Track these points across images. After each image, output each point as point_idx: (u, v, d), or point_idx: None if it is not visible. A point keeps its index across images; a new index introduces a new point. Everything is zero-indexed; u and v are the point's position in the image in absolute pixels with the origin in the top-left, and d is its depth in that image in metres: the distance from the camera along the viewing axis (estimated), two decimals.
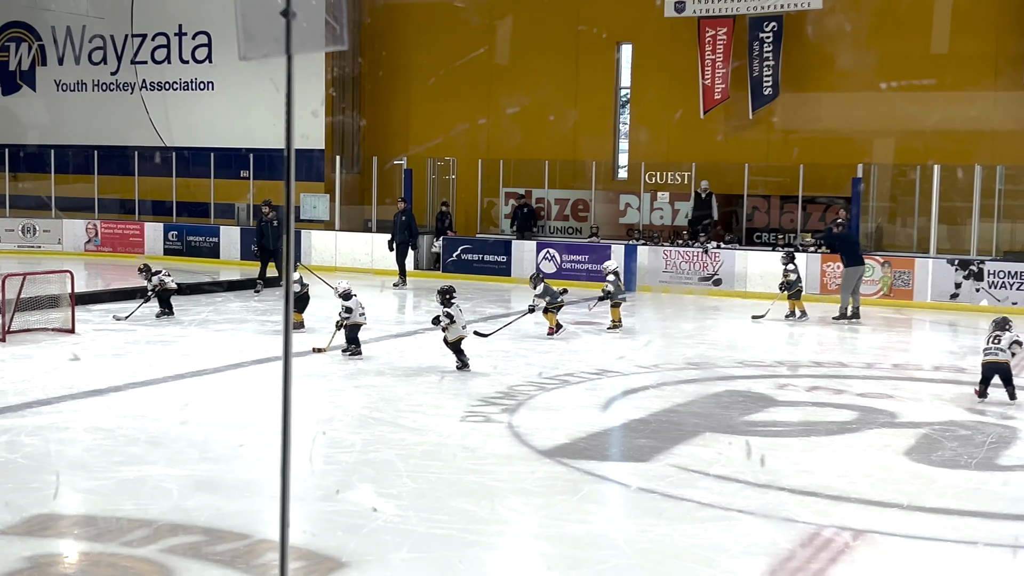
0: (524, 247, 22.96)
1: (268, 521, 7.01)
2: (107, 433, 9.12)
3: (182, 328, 15.33)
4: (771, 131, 23.10)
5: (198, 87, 27.89)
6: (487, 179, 24.94)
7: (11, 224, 27.29)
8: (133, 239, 26.77)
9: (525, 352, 13.90)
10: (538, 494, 7.72)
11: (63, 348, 13.21)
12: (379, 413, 10.05)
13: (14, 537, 6.51)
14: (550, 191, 24.47)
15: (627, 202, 23.89)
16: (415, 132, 26.20)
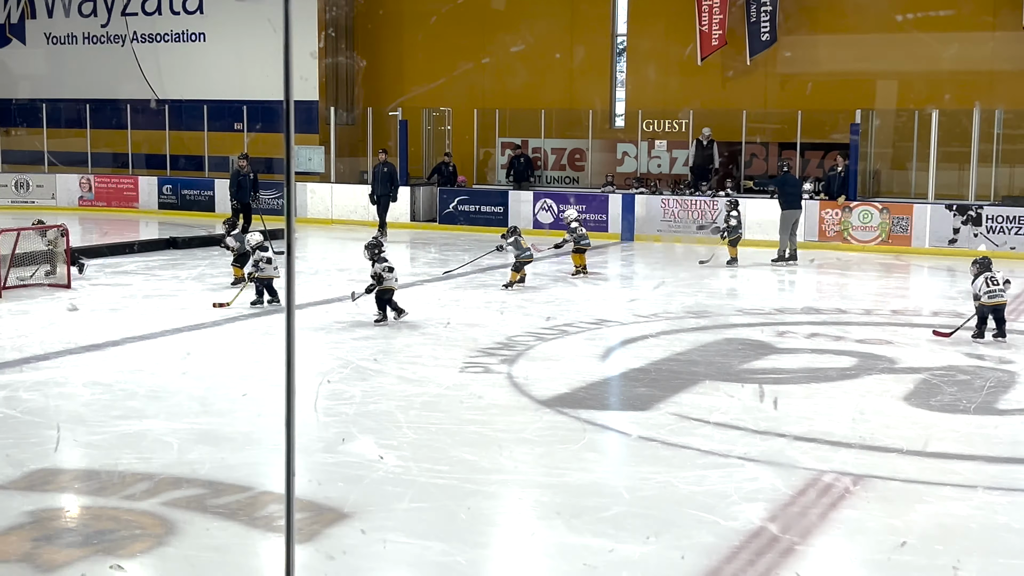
0: (521, 197, 22.90)
1: (269, 473, 7.03)
2: (106, 387, 9.13)
3: (179, 283, 15.31)
4: (769, 77, 22.95)
5: (189, 38, 27.65)
6: (483, 129, 24.83)
7: (4, 179, 27.17)
8: (127, 193, 26.68)
9: (523, 303, 13.89)
10: (539, 443, 7.75)
11: (59, 304, 13.19)
12: (378, 365, 10.06)
13: (15, 492, 6.53)
14: (547, 140, 24.35)
15: (624, 151, 23.78)
16: (409, 80, 26.00)
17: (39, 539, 5.83)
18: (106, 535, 5.88)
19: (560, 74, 24.53)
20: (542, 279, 16.32)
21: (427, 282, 15.46)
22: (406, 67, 26.16)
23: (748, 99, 22.83)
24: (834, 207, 20.48)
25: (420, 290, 14.61)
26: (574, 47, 24.45)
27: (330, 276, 15.41)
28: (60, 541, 5.86)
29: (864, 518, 6.33)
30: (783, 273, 17.50)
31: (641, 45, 24.10)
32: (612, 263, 18.40)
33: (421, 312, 13.00)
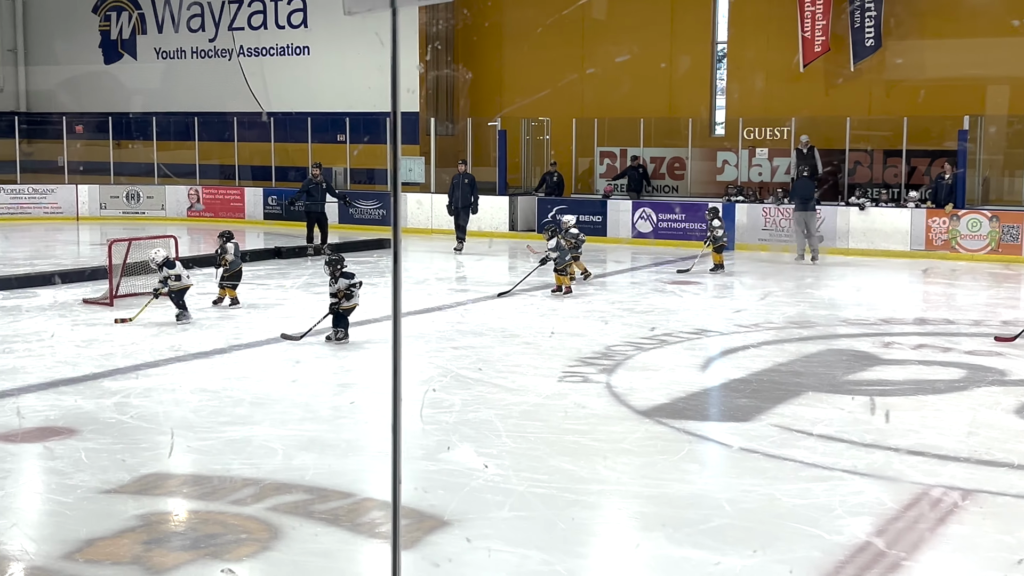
0: (620, 207, 22.82)
1: (372, 480, 7.11)
2: (213, 394, 9.32)
3: (283, 291, 15.58)
4: (874, 83, 22.54)
5: (294, 52, 28.15)
6: (582, 139, 24.80)
7: (116, 191, 27.96)
8: (234, 204, 27.25)
9: (622, 312, 13.84)
10: (638, 454, 7.70)
11: (168, 312, 13.51)
12: (477, 373, 10.11)
13: (126, 496, 6.70)
14: (646, 149, 24.23)
15: (724, 159, 23.56)
16: (509, 91, 26.13)
17: (149, 542, 5.97)
18: (214, 539, 6.00)
19: (660, 83, 24.41)
20: (641, 288, 16.25)
21: (525, 291, 15.49)
22: (506, 78, 26.28)
23: (852, 106, 22.44)
24: (941, 215, 20.02)
25: (519, 299, 14.65)
26: (674, 55, 24.31)
27: (430, 285, 15.54)
28: (169, 544, 5.99)
29: (974, 534, 6.16)
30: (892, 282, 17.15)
31: (742, 52, 23.86)
32: (712, 273, 18.21)
33: (520, 321, 13.03)
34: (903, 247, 20.20)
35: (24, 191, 27.62)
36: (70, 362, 10.50)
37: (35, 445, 7.77)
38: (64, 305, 13.97)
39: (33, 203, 27.52)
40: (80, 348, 11.19)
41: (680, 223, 22.06)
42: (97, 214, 27.60)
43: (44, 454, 7.60)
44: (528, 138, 25.59)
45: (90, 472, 7.12)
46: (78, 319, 12.95)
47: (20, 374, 9.96)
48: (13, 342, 11.48)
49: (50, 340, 11.67)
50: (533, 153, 25.67)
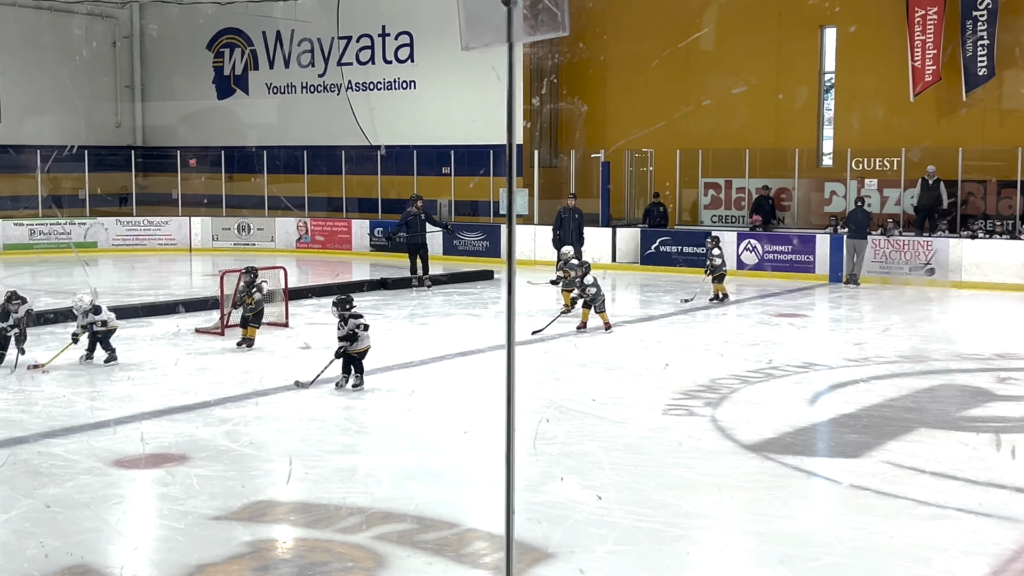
0: (724, 238, 22.60)
1: (475, 510, 7.14)
2: (320, 423, 9.46)
3: (389, 323, 15.75)
4: (987, 112, 22.01)
5: (401, 86, 28.58)
6: (686, 170, 24.66)
7: (227, 223, 28.64)
8: (341, 236, 27.68)
9: (726, 346, 13.69)
10: (744, 489, 7.60)
11: (278, 341, 13.76)
12: (580, 405, 10.08)
13: (236, 522, 6.83)
14: (751, 180, 23.99)
15: (832, 190, 23.20)
16: (613, 123, 26.12)
17: (258, 569, 6.08)
18: (321, 567, 6.07)
19: (766, 113, 24.18)
20: (747, 321, 16.07)
21: (628, 323, 15.43)
22: (609, 111, 26.29)
23: (964, 136, 21.93)
24: None
25: (622, 332, 14.59)
26: (781, 86, 24.08)
27: (534, 318, 15.54)
28: (277, 571, 6.09)
29: None
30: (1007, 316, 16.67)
31: (850, 82, 23.52)
32: (820, 305, 17.95)
33: (624, 353, 12.98)
34: (1018, 280, 19.64)
35: (140, 223, 28.45)
36: (183, 389, 10.76)
37: (150, 471, 7.97)
38: (177, 334, 14.33)
39: (148, 235, 28.32)
40: (192, 376, 11.46)
41: (787, 255, 21.76)
42: (209, 245, 28.30)
43: (158, 480, 7.79)
44: (632, 169, 25.53)
45: (202, 498, 7.28)
46: (191, 347, 13.27)
47: (135, 401, 10.24)
48: (129, 370, 11.81)
49: (164, 368, 11.98)
50: (636, 185, 25.60)
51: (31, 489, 7.47)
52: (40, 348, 12.95)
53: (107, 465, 8.07)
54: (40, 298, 18.34)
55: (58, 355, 12.06)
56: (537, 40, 3.53)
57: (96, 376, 11.51)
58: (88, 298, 12.24)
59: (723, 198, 24.35)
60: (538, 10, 3.39)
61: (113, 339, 12.23)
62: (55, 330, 14.20)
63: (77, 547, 6.36)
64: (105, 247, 27.60)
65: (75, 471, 7.91)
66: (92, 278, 21.91)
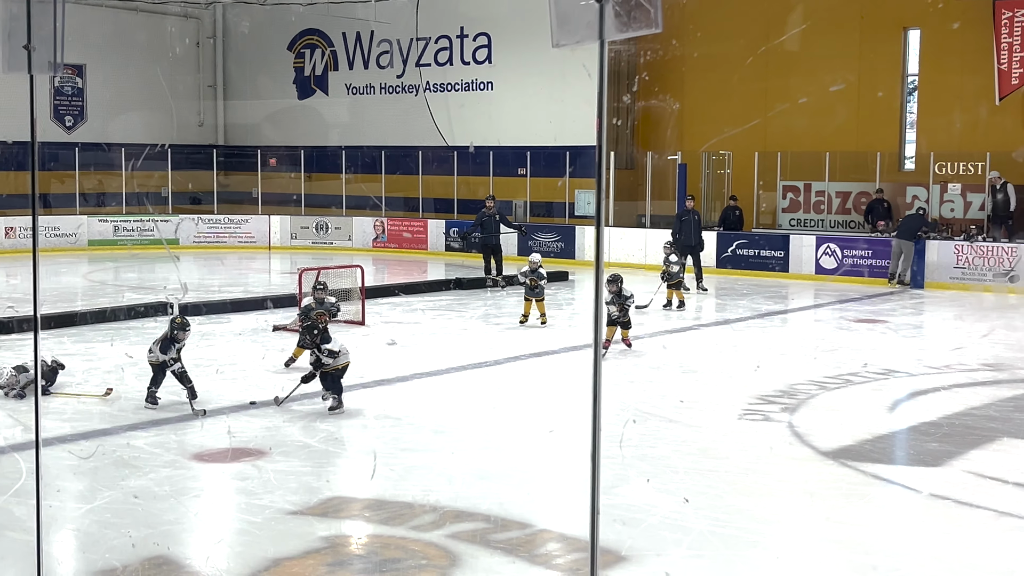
0: (803, 242, 22.34)
1: (549, 511, 7.14)
2: (395, 421, 9.52)
3: (464, 321, 15.81)
4: None
5: (478, 87, 28.67)
6: (764, 172, 24.42)
7: (306, 222, 28.98)
8: (417, 236, 27.85)
9: (807, 350, 13.53)
10: (821, 496, 7.50)
11: (355, 339, 13.87)
12: (655, 408, 10.03)
13: (312, 517, 6.90)
14: (830, 184, 23.67)
15: (915, 194, 22.80)
16: (689, 124, 25.97)
17: (333, 564, 6.14)
18: (395, 564, 6.12)
19: (846, 115, 23.85)
20: (825, 326, 15.87)
21: (704, 327, 15.32)
22: (687, 113, 26.14)
23: None
24: None
25: (698, 335, 14.50)
26: (862, 88, 23.73)
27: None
28: (352, 567, 6.14)
29: None
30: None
31: (935, 84, 23.10)
32: (900, 311, 17.64)
33: (700, 356, 12.90)
34: None
35: (220, 221, 28.91)
36: (261, 385, 10.89)
37: (229, 465, 8.09)
38: (255, 330, 14.52)
39: (228, 232, 28.78)
40: (270, 373, 11.60)
41: (866, 259, 21.44)
42: (288, 243, 28.66)
43: (236, 474, 7.90)
44: (708, 171, 25.35)
45: (279, 493, 7.37)
46: (268, 344, 13.44)
47: (214, 396, 10.39)
48: (209, 365, 11.99)
49: (244, 364, 12.15)
50: (713, 187, 25.41)
51: (116, 480, 7.62)
52: (127, 342, 13.22)
53: (188, 459, 8.21)
54: (124, 294, 18.72)
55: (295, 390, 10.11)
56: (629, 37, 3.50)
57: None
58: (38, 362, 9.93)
59: (802, 201, 24.06)
60: (631, 6, 3.36)
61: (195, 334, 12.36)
62: (140, 325, 14.49)
63: (157, 538, 6.48)
64: (186, 244, 28.10)
65: (157, 464, 8.06)
66: (171, 275, 22.30)
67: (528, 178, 27.02)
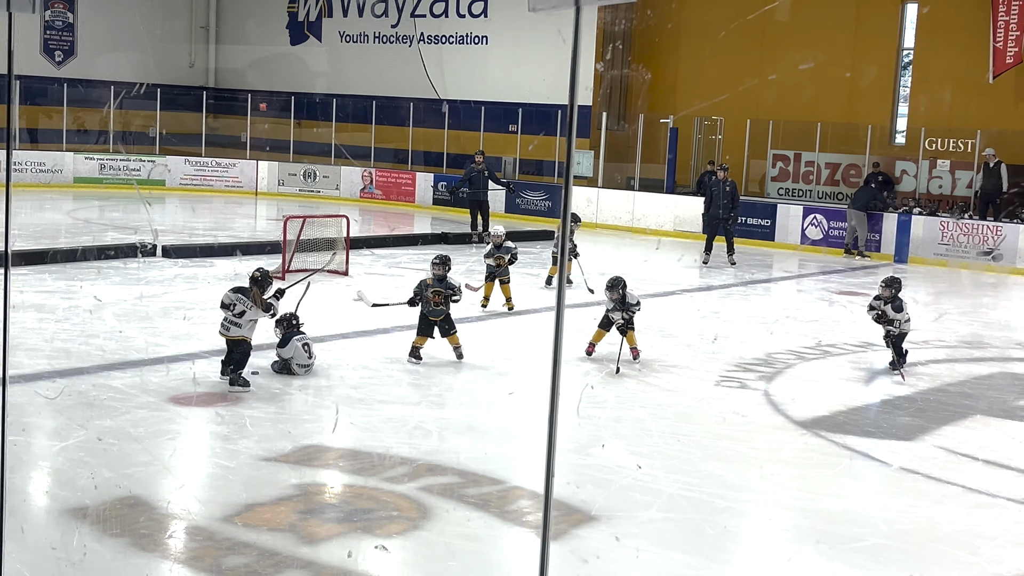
0: (790, 212, 22.35)
1: (522, 468, 7.18)
2: (374, 372, 9.54)
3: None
4: None
5: (472, 41, 28.48)
6: (755, 140, 24.38)
7: (293, 168, 28.82)
8: (405, 187, 27.76)
9: (786, 320, 13.57)
10: (793, 465, 7.56)
11: (336, 288, 13.87)
12: (632, 371, 10.06)
13: (286, 465, 6.92)
14: (820, 154, 23.65)
15: (903, 168, 22.81)
16: (683, 90, 25.87)
17: (305, 512, 6.16)
18: (366, 514, 6.15)
19: (839, 87, 23.80)
20: (807, 297, 15.93)
21: (686, 292, 15.35)
22: (680, 78, 26.04)
23: None
24: None
25: (680, 300, 14.54)
26: (856, 60, 23.66)
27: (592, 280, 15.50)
28: (323, 516, 6.18)
29: None
30: None
31: (929, 60, 23.05)
32: None
33: (680, 322, 12.93)
34: None
35: (208, 164, 28.74)
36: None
37: (204, 409, 8.10)
38: (238, 276, 14.48)
39: (215, 176, 28.62)
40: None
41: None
42: (275, 190, 28.53)
43: (212, 419, 7.92)
44: (700, 137, 25.30)
45: (254, 439, 7.39)
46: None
47: (193, 340, 10.39)
48: (190, 309, 11.97)
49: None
50: (704, 153, 25.37)
51: (86, 420, 7.62)
52: (108, 282, 13.19)
53: (162, 401, 8.22)
54: (107, 232, 18.66)
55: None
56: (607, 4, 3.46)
57: (153, 314, 11.68)
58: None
59: (791, 171, 24.05)
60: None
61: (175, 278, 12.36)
62: (118, 265, 14.45)
63: (128, 480, 6.50)
64: (173, 186, 27.91)
65: (130, 405, 8.06)
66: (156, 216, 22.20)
67: (519, 135, 26.91)
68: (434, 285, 9.98)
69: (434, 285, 9.98)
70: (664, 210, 23.60)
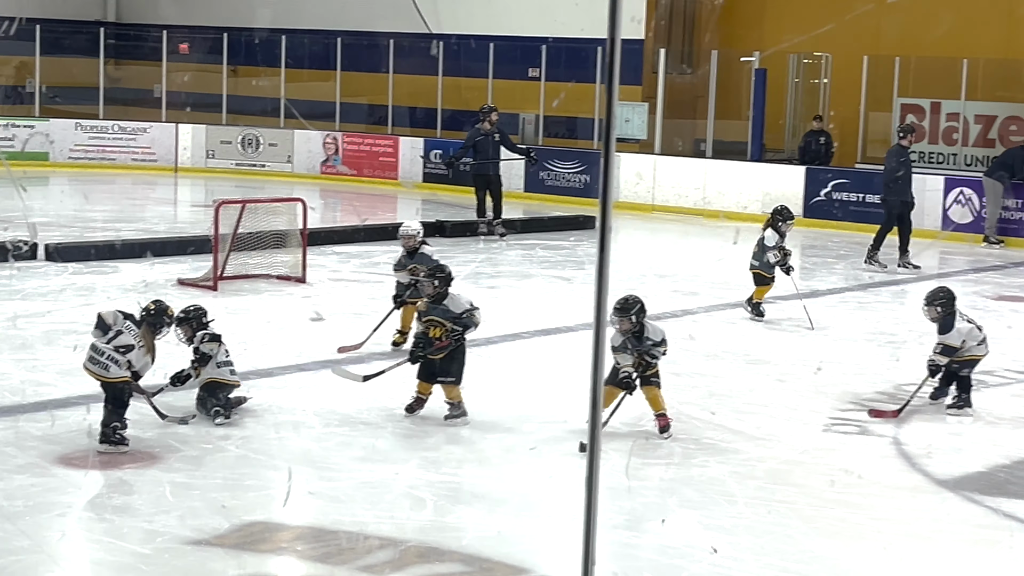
0: (925, 184, 22.23)
1: (551, 551, 7.17)
2: (344, 418, 9.52)
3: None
4: None
5: None
6: (875, 85, 24.30)
7: (227, 134, 28.73)
8: (384, 159, 27.71)
9: (920, 337, 13.54)
10: (937, 542, 7.54)
11: (290, 302, 13.90)
12: (707, 413, 10.04)
13: (222, 550, 6.94)
14: (968, 103, 23.57)
15: None
16: (772, 20, 25.85)
17: None
18: None
19: (993, 11, 23.76)
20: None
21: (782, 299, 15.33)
22: (769, 4, 26.02)
23: None
24: None
25: (772, 311, 14.50)
26: None
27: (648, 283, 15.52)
28: None
29: None
30: None
31: None
32: None
33: (772, 342, 12.91)
34: None
35: (108, 129, 28.67)
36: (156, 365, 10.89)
37: (105, 473, 8.11)
38: (152, 286, 14.52)
39: (119, 146, 28.58)
40: (171, 346, 11.57)
41: (1017, 212, 21.40)
42: (202, 164, 28.53)
43: (116, 487, 7.93)
44: (797, 81, 25.27)
45: (177, 515, 7.40)
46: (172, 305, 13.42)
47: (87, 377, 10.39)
48: (84, 332, 11.96)
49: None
50: (804, 104, 25.32)
51: None
52: None
53: (50, 462, 8.23)
54: None
55: None
56: None
57: (34, 341, 11.72)
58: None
59: (927, 127, 23.99)
60: None
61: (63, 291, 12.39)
62: None
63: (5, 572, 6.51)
64: (59, 160, 27.88)
65: (7, 468, 8.08)
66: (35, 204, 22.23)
67: (542, 82, 26.88)
68: (430, 313, 9.48)
69: (430, 313, 9.48)
70: (748, 185, 23.53)
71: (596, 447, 3.19)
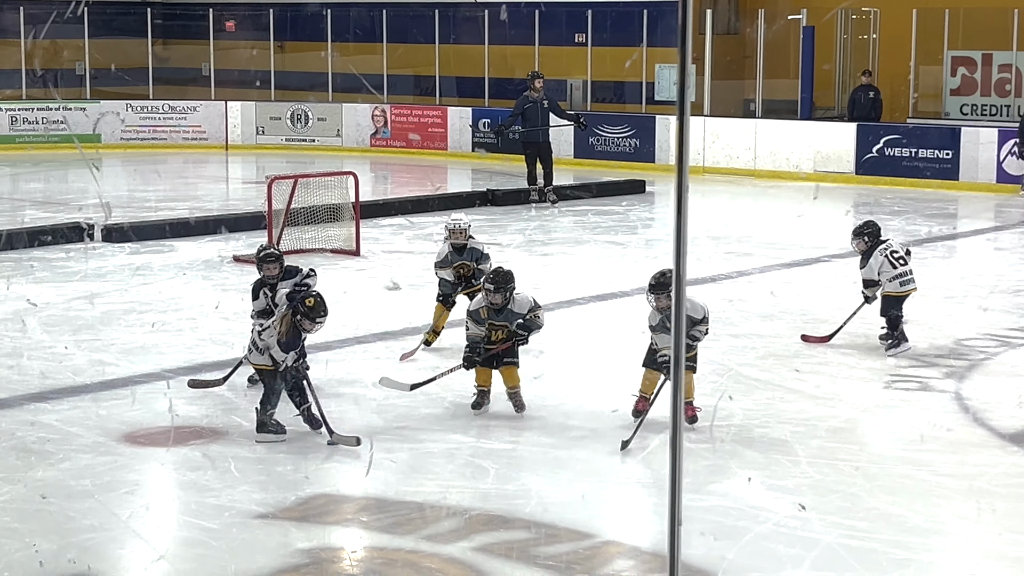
0: (980, 137, 22.05)
1: (611, 516, 7.19)
2: (401, 391, 9.53)
3: (499, 250, 15.79)
4: None
5: None
6: (925, 39, 24.07)
7: (277, 110, 28.83)
8: (432, 130, 27.71)
9: (980, 291, 13.46)
10: (1000, 496, 7.49)
11: (345, 275, 13.92)
12: (767, 373, 10.02)
13: (288, 523, 6.98)
14: (1020, 54, 23.25)
15: None
16: None
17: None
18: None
19: None
20: (1008, 257, 15.75)
21: (836, 257, 15.24)
22: None
23: None
24: None
25: (826, 269, 14.42)
26: None
27: (700, 246, 15.47)
28: None
29: None
30: None
31: None
32: None
33: (828, 300, 12.84)
34: None
35: (158, 110, 28.85)
36: (218, 340, 10.96)
37: (172, 450, 8.17)
38: (209, 264, 14.60)
39: (169, 126, 28.74)
40: (230, 322, 11.64)
41: None
42: (252, 141, 28.65)
43: (183, 463, 7.99)
44: (846, 37, 25.05)
45: (243, 490, 7.45)
46: (227, 283, 13.51)
47: (152, 355, 10.48)
48: (144, 312, 12.08)
49: (194, 310, 12.22)
50: (854, 59, 25.10)
51: (16, 472, 7.72)
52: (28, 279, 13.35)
53: (116, 441, 8.30)
54: (25, 210, 18.89)
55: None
56: None
57: (94, 322, 11.79)
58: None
59: (979, 80, 23.76)
60: None
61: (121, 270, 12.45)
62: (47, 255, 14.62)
63: (73, 551, 6.57)
64: (111, 141, 28.00)
65: (73, 448, 8.16)
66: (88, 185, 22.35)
67: (589, 47, 26.79)
68: (490, 318, 8.98)
69: (490, 318, 8.98)
70: (799, 144, 23.38)
71: (678, 408, 3.22)
